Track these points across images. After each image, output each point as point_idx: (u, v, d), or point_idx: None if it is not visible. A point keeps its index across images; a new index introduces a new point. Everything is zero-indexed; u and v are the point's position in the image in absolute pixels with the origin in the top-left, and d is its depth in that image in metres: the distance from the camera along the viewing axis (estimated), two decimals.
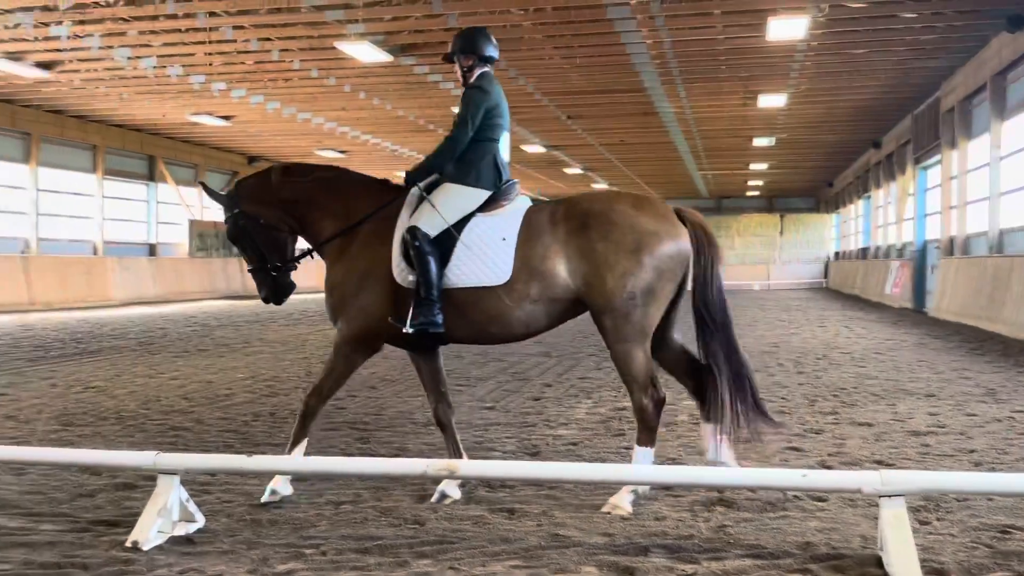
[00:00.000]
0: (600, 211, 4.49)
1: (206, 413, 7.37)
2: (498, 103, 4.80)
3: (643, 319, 4.43)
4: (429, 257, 4.50)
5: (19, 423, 6.84)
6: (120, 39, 15.60)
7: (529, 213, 4.66)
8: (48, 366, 10.40)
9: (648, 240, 4.42)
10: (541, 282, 4.49)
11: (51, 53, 16.65)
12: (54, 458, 4.49)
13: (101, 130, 24.81)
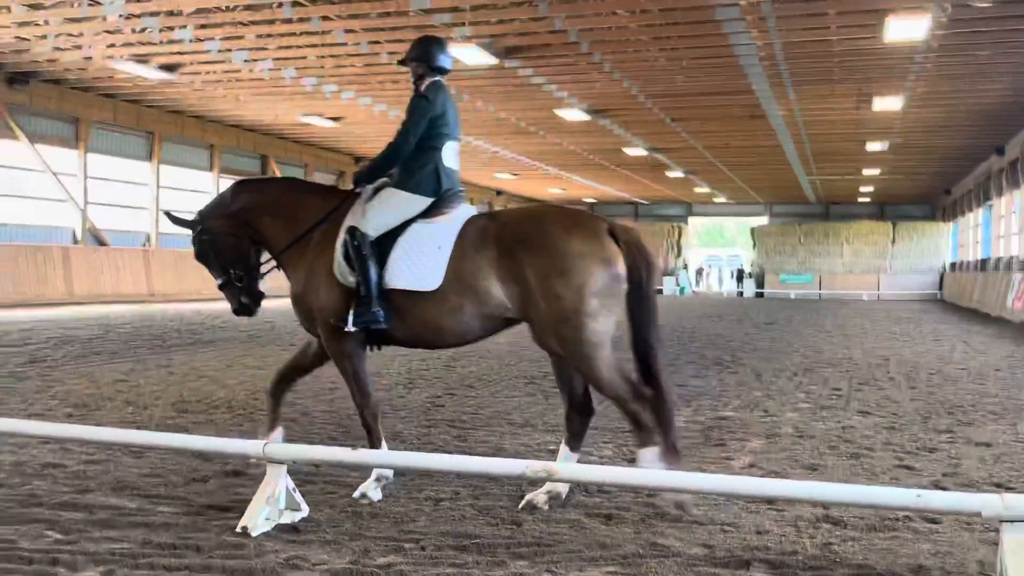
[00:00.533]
0: (529, 233, 4.47)
1: (311, 405, 7.59)
2: (443, 113, 4.86)
3: (591, 336, 4.40)
4: (363, 256, 4.61)
5: (138, 408, 7.21)
6: (238, 43, 16.25)
7: (466, 225, 4.67)
8: (165, 355, 10.93)
9: (576, 263, 4.36)
10: (474, 297, 4.53)
11: (174, 56, 17.50)
12: (170, 443, 4.71)
13: (218, 130, 25.90)
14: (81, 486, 4.75)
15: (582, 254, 4.37)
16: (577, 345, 4.39)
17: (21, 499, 4.43)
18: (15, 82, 19.44)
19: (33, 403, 7.25)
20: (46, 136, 20.78)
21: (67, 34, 15.97)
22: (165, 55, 17.39)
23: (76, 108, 21.25)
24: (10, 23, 15.29)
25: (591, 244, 4.42)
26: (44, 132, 20.76)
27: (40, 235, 20.71)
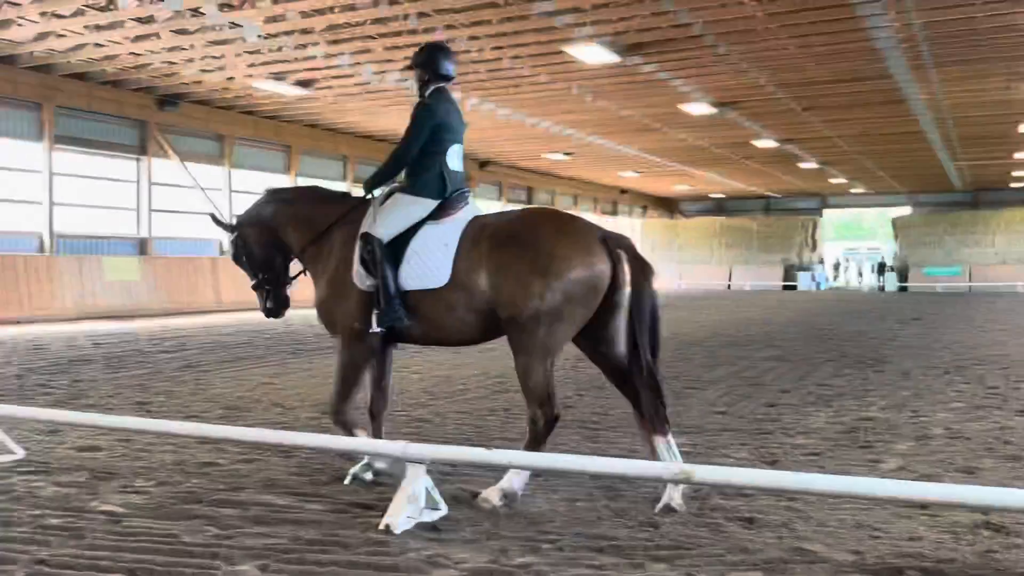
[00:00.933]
0: (522, 231, 4.64)
1: (444, 406, 7.75)
2: (445, 119, 5.03)
3: (546, 338, 4.54)
4: (382, 261, 4.82)
5: (284, 410, 7.56)
6: (367, 56, 16.81)
7: (469, 225, 4.87)
8: (306, 359, 11.42)
9: (559, 264, 4.50)
10: (466, 292, 4.71)
11: (308, 72, 18.27)
12: (316, 443, 4.92)
13: (350, 141, 26.86)
14: (235, 484, 5.02)
15: (567, 257, 4.51)
16: (530, 340, 4.55)
17: (182, 496, 4.73)
18: (166, 104, 20.79)
19: (189, 405, 7.72)
20: (194, 154, 22.11)
21: (211, 56, 16.94)
22: (300, 72, 18.18)
23: (220, 126, 22.51)
24: (160, 48, 16.37)
25: (577, 249, 4.55)
26: (192, 150, 22.10)
27: (191, 247, 22.06)
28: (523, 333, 4.58)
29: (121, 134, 20.32)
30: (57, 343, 12.84)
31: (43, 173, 18.34)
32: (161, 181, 21.31)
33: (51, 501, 4.60)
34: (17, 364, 10.36)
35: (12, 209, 18.09)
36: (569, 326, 4.59)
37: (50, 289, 17.69)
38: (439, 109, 5.04)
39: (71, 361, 10.70)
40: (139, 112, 20.34)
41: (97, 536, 4.01)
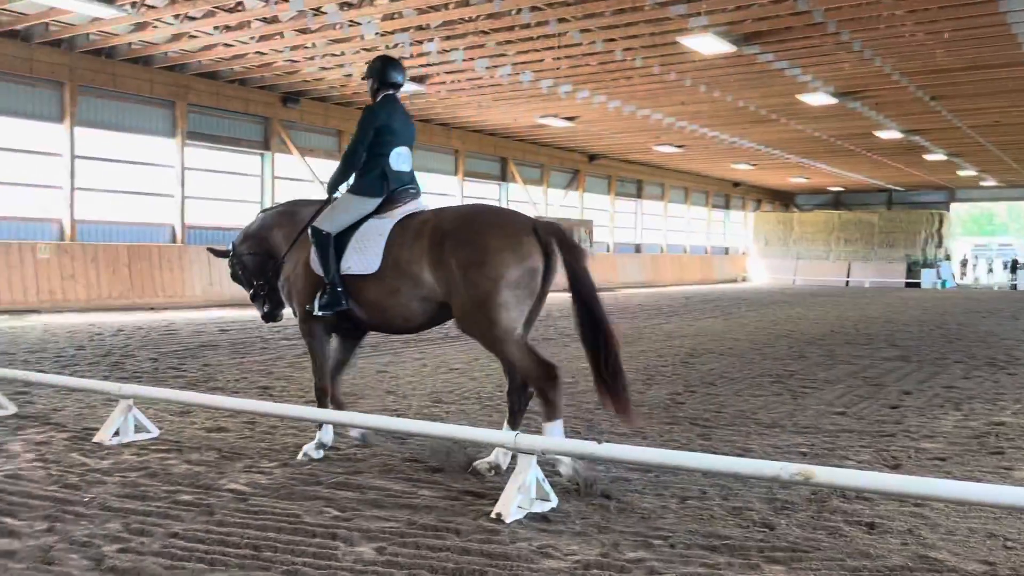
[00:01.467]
0: (455, 228, 4.96)
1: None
2: (387, 123, 5.47)
3: (501, 323, 4.83)
4: (325, 249, 5.34)
5: (398, 397, 7.74)
6: (480, 51, 16.98)
7: (408, 218, 5.28)
8: (419, 348, 11.65)
9: (491, 256, 4.80)
10: (410, 282, 5.08)
11: (423, 68, 18.60)
12: (430, 431, 5.01)
13: (461, 135, 27.22)
14: (352, 468, 5.17)
15: (499, 249, 4.81)
16: (490, 330, 4.85)
17: (303, 478, 4.91)
18: (288, 101, 21.58)
19: (309, 391, 7.99)
20: (315, 149, 22.87)
21: (331, 54, 17.47)
22: (415, 67, 18.53)
23: (339, 122, 23.19)
24: (283, 47, 16.99)
25: (509, 241, 4.85)
26: (312, 145, 22.86)
27: None
28: (474, 322, 4.91)
29: (246, 130, 21.21)
30: (187, 329, 13.54)
31: (176, 168, 19.36)
32: (283, 175, 22.14)
33: (183, 478, 4.85)
34: (152, 348, 10.98)
35: (147, 202, 19.16)
36: (519, 307, 4.89)
37: (181, 278, 18.67)
38: (382, 113, 5.50)
39: (200, 346, 11.26)
40: (263, 109, 21.18)
41: (225, 513, 4.21)
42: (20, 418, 6.41)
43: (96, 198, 18.04)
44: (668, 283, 36.55)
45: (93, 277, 16.93)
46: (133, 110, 18.56)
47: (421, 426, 5.09)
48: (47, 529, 3.93)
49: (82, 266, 16.88)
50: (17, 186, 16.70)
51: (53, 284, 16.34)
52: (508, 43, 16.33)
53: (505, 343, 4.86)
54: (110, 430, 5.72)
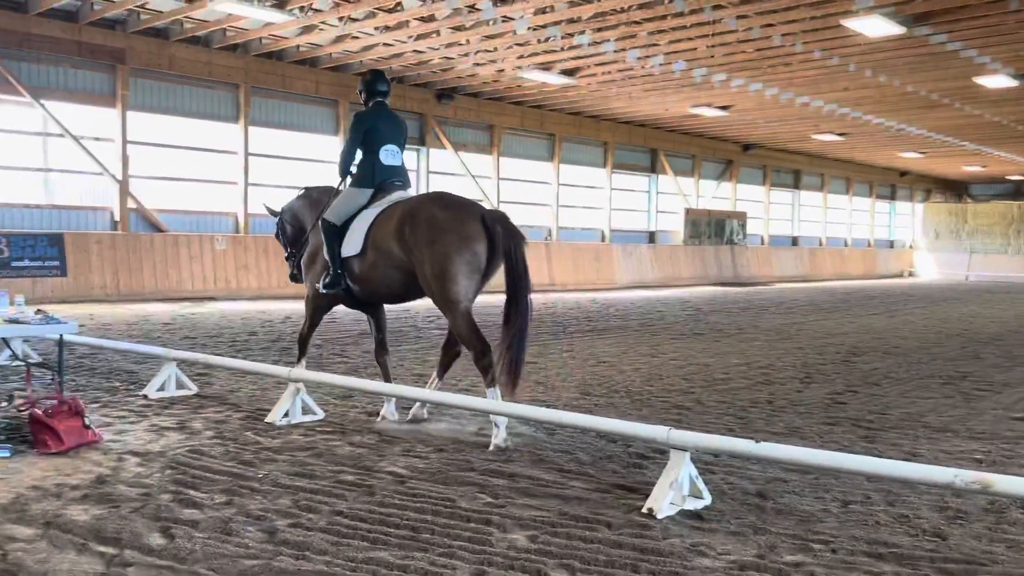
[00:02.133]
0: (416, 211, 5.88)
1: (705, 395, 7.61)
2: (374, 125, 6.53)
3: (449, 294, 5.75)
4: (331, 238, 6.35)
5: (547, 389, 7.81)
6: (631, 41, 16.79)
7: (389, 206, 6.19)
8: (567, 340, 11.70)
9: (440, 235, 5.71)
10: (383, 254, 6.07)
11: (574, 61, 18.60)
12: (580, 423, 5.02)
13: (611, 127, 27.03)
14: (505, 456, 5.26)
15: (446, 229, 5.71)
16: (441, 299, 5.81)
17: (458, 464, 5.05)
18: (442, 97, 22.14)
19: (463, 379, 8.20)
20: (467, 144, 23.37)
21: (484, 50, 17.78)
22: (566, 61, 18.55)
23: (491, 117, 23.57)
24: (439, 45, 17.43)
25: (455, 222, 5.74)
26: (465, 140, 23.36)
27: None
28: (434, 296, 5.87)
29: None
30: (348, 317, 14.18)
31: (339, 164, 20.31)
32: (437, 169, 22.74)
33: (346, 459, 5.09)
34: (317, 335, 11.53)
35: None
36: (464, 281, 5.75)
37: None
38: (367, 118, 6.56)
39: (361, 334, 11.76)
40: (419, 106, 21.82)
41: (385, 494, 4.39)
42: (201, 398, 6.92)
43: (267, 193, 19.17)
44: (827, 277, 34.97)
45: (264, 267, 18.01)
46: (300, 109, 19.58)
47: (571, 418, 5.11)
48: (226, 502, 4.22)
49: (254, 257, 17.99)
50: (199, 182, 17.98)
51: (228, 273, 17.51)
52: (660, 32, 16.06)
53: (453, 312, 5.80)
54: (280, 411, 6.07)
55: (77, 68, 15.94)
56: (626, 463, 5.15)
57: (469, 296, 5.82)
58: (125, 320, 12.71)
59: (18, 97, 15.16)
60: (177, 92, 17.46)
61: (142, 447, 5.25)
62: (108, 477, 4.59)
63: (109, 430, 5.66)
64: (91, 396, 6.81)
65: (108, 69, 16.28)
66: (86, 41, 15.79)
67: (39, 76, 15.50)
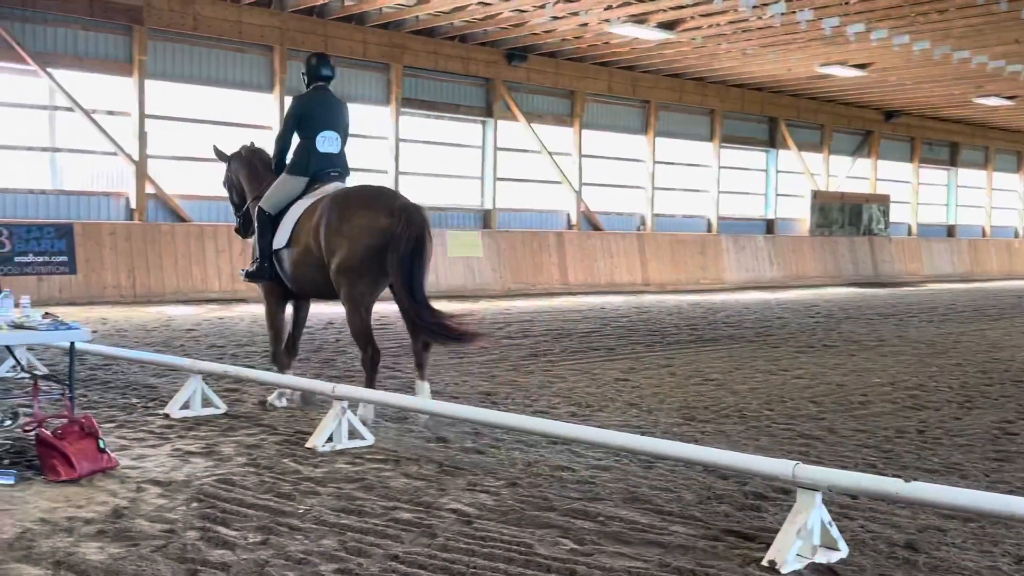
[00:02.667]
0: (330, 206, 7.07)
1: (839, 422, 7.48)
2: (308, 111, 7.57)
3: (352, 290, 7.00)
4: (260, 226, 7.47)
5: (642, 412, 7.78)
6: None
7: (318, 198, 7.28)
8: (664, 352, 11.63)
9: (349, 227, 6.91)
10: (304, 250, 7.18)
11: (673, 12, 18.47)
12: (686, 455, 4.99)
13: (719, 92, 26.75)
14: (590, 493, 5.26)
15: (355, 223, 6.91)
16: (343, 295, 7.05)
17: (534, 501, 5.07)
18: (513, 59, 22.25)
19: (537, 399, 8.23)
20: (542, 114, 23.43)
21: (564, 1, 17.80)
22: (664, 11, 18.44)
23: (572, 81, 23.58)
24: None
25: (366, 213, 6.94)
26: (540, 110, 23.43)
27: (536, 220, 23.45)
28: (339, 286, 7.01)
29: (467, 94, 22.11)
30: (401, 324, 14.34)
31: (389, 139, 20.56)
32: (506, 145, 22.86)
33: (401, 493, 5.16)
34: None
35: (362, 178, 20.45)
36: (365, 278, 6.97)
37: None
38: (303, 102, 7.65)
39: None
40: (485, 69, 21.97)
41: (448, 536, 4.43)
42: (231, 417, 7.10)
43: None
44: (992, 276, 33.92)
45: None
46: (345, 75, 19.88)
47: (673, 448, 5.08)
48: (261, 542, 4.32)
49: None
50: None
51: None
52: None
53: (354, 309, 7.01)
54: (323, 435, 6.19)
55: (88, 30, 16.53)
56: (741, 504, 5.09)
57: (370, 295, 7.09)
58: (143, 325, 13.13)
59: (22, 65, 15.79)
60: (202, 57, 17.96)
61: (164, 475, 5.41)
62: (126, 510, 4.75)
63: (126, 454, 5.86)
64: (105, 414, 7.06)
65: (123, 31, 16.85)
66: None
67: (45, 40, 16.12)
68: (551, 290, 21.74)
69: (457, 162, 22.33)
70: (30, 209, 16.11)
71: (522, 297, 20.33)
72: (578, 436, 5.47)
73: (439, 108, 21.66)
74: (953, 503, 4.12)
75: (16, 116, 16.08)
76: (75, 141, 16.73)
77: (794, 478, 4.24)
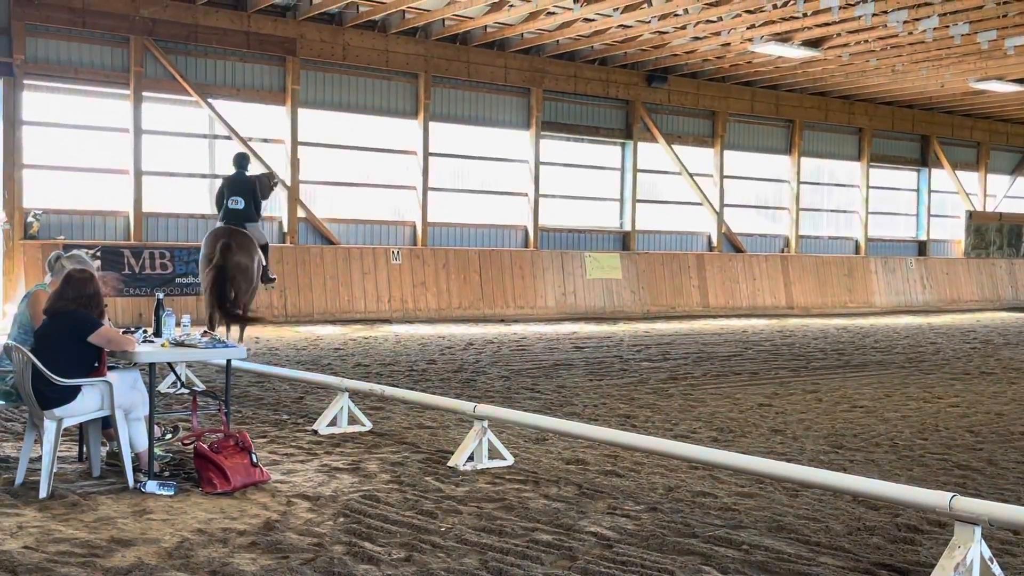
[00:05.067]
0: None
1: (999, 453, 7.12)
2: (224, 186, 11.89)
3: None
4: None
5: (787, 439, 7.57)
6: (896, 1, 16.07)
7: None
8: (810, 377, 11.30)
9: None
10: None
11: (819, 29, 18.04)
12: (832, 483, 4.83)
13: (868, 110, 25.93)
14: (733, 520, 5.15)
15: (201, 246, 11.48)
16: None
17: (675, 527, 4.99)
18: (653, 80, 22.14)
19: (678, 423, 8.12)
20: (683, 135, 23.22)
21: (705, 21, 17.62)
22: (809, 29, 18.04)
23: (713, 101, 23.30)
24: (649, 18, 17.47)
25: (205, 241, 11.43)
26: (681, 131, 23.22)
27: (675, 242, 23.21)
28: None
29: (606, 116, 22.10)
30: (540, 344, 14.42)
31: (529, 162, 20.73)
32: (646, 167, 22.72)
33: (541, 515, 5.17)
34: (503, 365, 11.85)
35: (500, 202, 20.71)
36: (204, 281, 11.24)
37: (533, 287, 19.94)
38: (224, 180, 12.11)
39: (554, 365, 11.93)
40: (625, 91, 21.92)
41: (589, 560, 4.40)
42: (376, 435, 7.27)
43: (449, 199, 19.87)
44: None
45: (443, 284, 18.70)
46: (487, 100, 20.20)
47: (820, 476, 4.92)
48: (405, 558, 4.40)
49: (432, 272, 18.71)
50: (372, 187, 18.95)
51: (404, 292, 18.32)
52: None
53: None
54: (464, 455, 6.26)
55: (245, 62, 17.32)
56: (893, 537, 4.90)
57: (204, 289, 11.27)
58: (293, 344, 13.60)
59: (184, 96, 16.66)
60: (351, 85, 18.55)
61: (313, 490, 5.58)
62: (277, 523, 4.91)
63: (277, 469, 6.06)
64: (258, 430, 7.33)
65: (278, 62, 17.57)
66: (255, 31, 17.12)
67: (206, 72, 16.97)
68: (691, 313, 21.46)
69: (596, 184, 22.31)
70: (191, 233, 16.91)
71: (662, 320, 20.14)
72: (720, 461, 5.37)
73: (579, 131, 21.73)
74: None
75: (179, 144, 16.94)
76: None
77: (951, 510, 4.05)
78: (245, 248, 11.06)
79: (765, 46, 19.04)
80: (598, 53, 20.62)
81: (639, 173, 22.56)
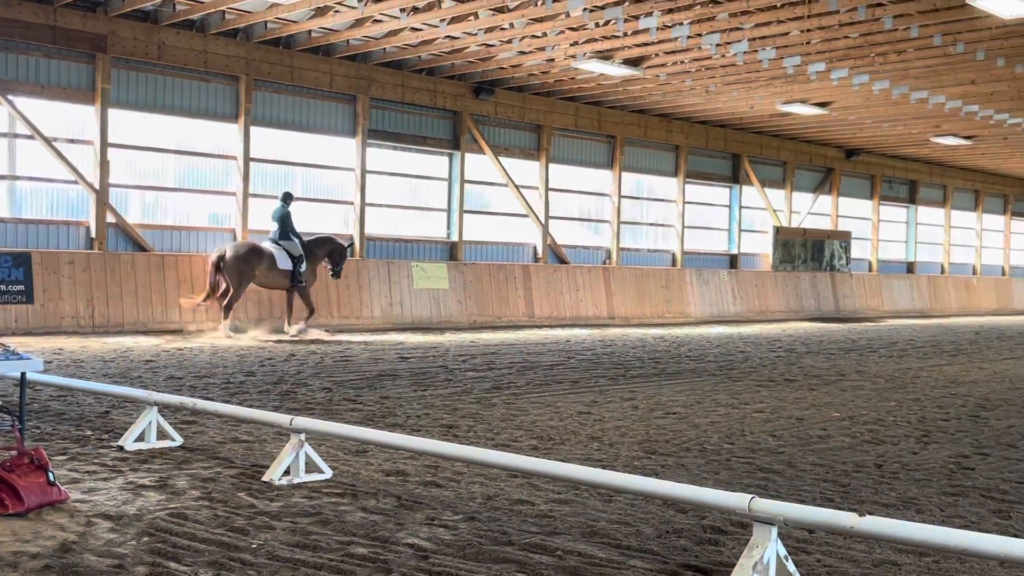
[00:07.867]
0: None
1: (798, 456, 7.51)
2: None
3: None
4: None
5: (603, 445, 7.76)
6: (709, 25, 16.81)
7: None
8: (627, 385, 11.63)
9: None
10: None
11: (639, 49, 18.68)
12: (643, 488, 4.97)
13: (684, 128, 27.02)
14: (549, 527, 5.23)
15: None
16: None
17: (492, 536, 5.02)
18: (480, 92, 22.35)
19: (499, 432, 8.19)
20: (509, 148, 23.53)
21: (531, 36, 17.94)
22: (629, 48, 18.64)
23: (538, 115, 23.73)
24: (476, 30, 17.63)
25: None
26: (507, 143, 23.53)
27: (502, 253, 23.49)
28: None
29: (433, 126, 22.16)
30: (364, 355, 14.27)
31: (355, 171, 20.52)
32: (473, 178, 22.89)
33: (357, 528, 5.10)
34: (326, 376, 11.66)
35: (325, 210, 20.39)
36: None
37: (359, 296, 19.73)
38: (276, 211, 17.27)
39: (378, 375, 11.83)
40: (453, 102, 22.05)
41: (404, 572, 4.38)
42: (187, 450, 7.00)
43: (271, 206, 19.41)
44: (950, 313, 34.38)
45: (264, 293, 18.24)
46: (311, 106, 19.87)
47: (632, 482, 5.07)
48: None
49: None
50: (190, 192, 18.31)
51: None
52: (745, 14, 16.07)
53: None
54: (280, 468, 6.11)
55: (51, 58, 16.42)
56: (699, 538, 5.09)
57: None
58: (101, 356, 12.95)
59: None
60: (167, 85, 17.87)
61: (115, 509, 5.32)
62: (74, 544, 4.65)
63: (77, 488, 5.75)
64: (58, 446, 6.93)
65: (87, 59, 16.74)
66: (62, 26, 16.26)
67: (7, 67, 15.98)
68: (517, 323, 21.74)
69: (424, 194, 22.32)
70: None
71: (488, 329, 20.31)
72: (537, 469, 5.46)
73: (406, 140, 21.68)
74: (908, 538, 4.13)
75: None
76: (35, 169, 16.56)
77: (750, 512, 4.24)
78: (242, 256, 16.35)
79: (588, 63, 19.54)
80: (426, 63, 20.64)
81: (467, 184, 22.71)
